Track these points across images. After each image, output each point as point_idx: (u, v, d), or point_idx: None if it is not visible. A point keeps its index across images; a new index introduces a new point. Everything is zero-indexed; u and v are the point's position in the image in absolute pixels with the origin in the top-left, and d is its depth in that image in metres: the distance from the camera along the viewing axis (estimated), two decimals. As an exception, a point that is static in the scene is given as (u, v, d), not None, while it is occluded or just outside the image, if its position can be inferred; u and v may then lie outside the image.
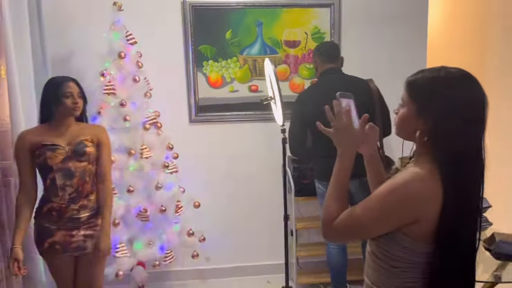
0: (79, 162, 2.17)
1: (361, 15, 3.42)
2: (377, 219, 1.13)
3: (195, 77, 3.34)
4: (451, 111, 1.09)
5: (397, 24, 3.45)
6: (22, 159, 2.12)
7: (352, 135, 1.23)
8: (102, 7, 2.96)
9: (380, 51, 3.45)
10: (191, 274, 3.44)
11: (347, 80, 2.75)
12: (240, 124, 3.42)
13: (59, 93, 2.12)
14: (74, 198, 2.17)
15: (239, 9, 3.31)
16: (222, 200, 3.43)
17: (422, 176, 1.10)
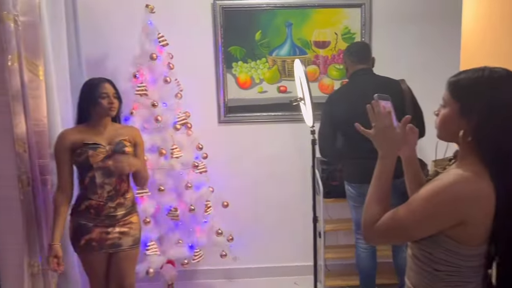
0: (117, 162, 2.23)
1: (393, 15, 3.37)
2: (420, 222, 1.11)
3: (225, 78, 3.36)
4: (497, 109, 1.07)
5: (429, 24, 3.38)
6: (62, 157, 2.18)
7: (393, 137, 1.20)
8: (135, 10, 3.02)
9: (413, 51, 3.39)
10: (218, 273, 3.46)
11: (378, 81, 2.71)
12: (269, 125, 3.43)
13: (96, 94, 2.18)
14: (112, 196, 2.22)
15: (269, 10, 3.32)
16: (250, 201, 3.43)
17: (467, 177, 1.08)
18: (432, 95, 3.18)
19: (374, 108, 1.21)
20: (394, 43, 3.39)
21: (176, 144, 2.80)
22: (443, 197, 1.08)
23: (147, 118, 2.80)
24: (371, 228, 1.17)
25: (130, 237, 2.27)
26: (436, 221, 1.09)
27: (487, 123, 1.07)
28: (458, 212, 1.07)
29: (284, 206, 3.45)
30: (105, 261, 2.26)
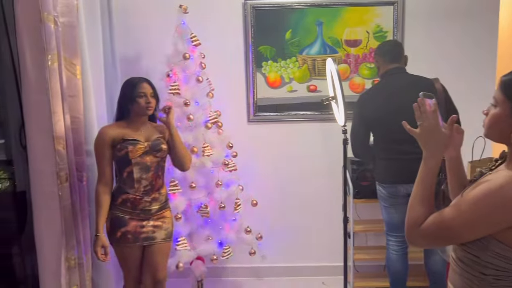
0: (155, 158, 2.29)
1: (426, 13, 3.29)
2: (469, 224, 1.09)
3: (254, 77, 3.36)
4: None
5: (465, 21, 3.29)
6: (103, 152, 2.24)
7: (439, 136, 1.19)
8: (168, 10, 3.05)
9: (447, 50, 3.31)
10: (247, 271, 3.47)
11: (411, 80, 2.66)
12: (298, 124, 3.41)
13: (134, 93, 2.23)
14: (148, 190, 2.27)
15: (300, 9, 3.30)
16: (280, 199, 3.43)
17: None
18: (467, 94, 3.15)
19: (420, 106, 1.19)
20: (428, 41, 3.31)
21: (207, 143, 2.82)
22: (494, 199, 1.05)
23: (179, 117, 2.82)
24: (415, 229, 1.15)
25: (163, 231, 2.32)
26: (485, 223, 1.07)
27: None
28: (510, 215, 1.04)
29: (313, 205, 3.43)
30: (139, 253, 2.31)
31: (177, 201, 2.71)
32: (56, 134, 2.19)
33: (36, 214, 2.20)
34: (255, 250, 3.01)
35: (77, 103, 2.47)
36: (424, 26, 3.31)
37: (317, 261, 3.47)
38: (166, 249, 2.37)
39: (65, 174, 2.25)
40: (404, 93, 2.58)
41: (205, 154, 2.79)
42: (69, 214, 2.29)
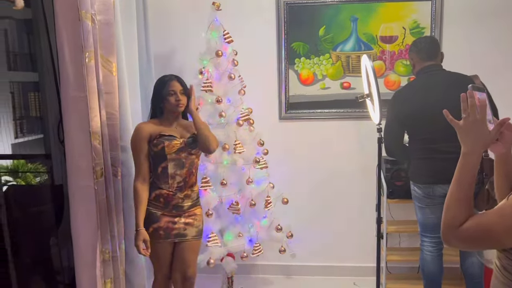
0: (190, 155, 2.32)
1: (466, 9, 3.19)
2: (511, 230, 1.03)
3: (287, 74, 3.36)
4: None
5: (505, 20, 3.17)
6: (140, 147, 2.27)
7: (482, 133, 1.12)
8: (202, 8, 3.06)
9: (487, 46, 3.19)
10: (276, 269, 3.48)
11: (449, 77, 2.58)
12: (331, 121, 3.38)
13: (164, 92, 2.26)
14: (181, 187, 2.30)
15: (334, 5, 3.28)
16: (311, 198, 3.41)
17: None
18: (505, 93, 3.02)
19: (468, 98, 1.12)
20: (468, 38, 3.21)
21: (238, 140, 2.81)
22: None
23: (211, 114, 2.84)
24: (453, 230, 1.10)
25: (194, 228, 2.34)
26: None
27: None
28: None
29: (345, 205, 3.40)
30: (170, 249, 2.33)
31: (208, 197, 2.72)
32: (92, 129, 2.21)
33: (72, 207, 2.25)
34: (285, 248, 3.00)
35: (113, 100, 2.50)
36: (463, 22, 3.21)
37: (349, 261, 3.43)
38: (196, 247, 2.39)
39: (100, 169, 2.28)
40: (441, 91, 2.52)
41: (236, 151, 2.78)
42: (104, 208, 2.32)
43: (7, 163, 3.04)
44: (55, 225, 2.47)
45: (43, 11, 2.25)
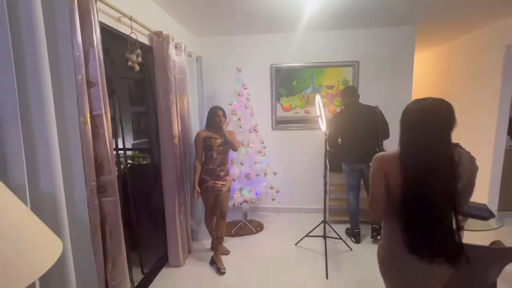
0: (224, 147, 2.33)
1: (371, 71, 3.20)
2: (373, 180, 1.07)
3: (276, 105, 3.36)
4: (402, 118, 1.07)
5: (392, 75, 3.18)
6: (199, 143, 2.29)
7: None
8: (232, 70, 3.11)
9: (383, 89, 3.19)
10: (271, 209, 3.49)
11: (362, 107, 2.61)
12: (299, 131, 3.38)
13: (213, 116, 2.30)
14: (220, 164, 2.31)
15: (301, 69, 3.28)
16: (289, 171, 3.41)
17: (385, 152, 1.08)
18: (394, 116, 3.03)
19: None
20: (372, 87, 3.21)
21: (250, 140, 2.86)
22: (374, 160, 1.07)
23: (235, 126, 2.86)
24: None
25: (226, 187, 2.35)
26: (376, 175, 1.06)
27: (405, 126, 1.06)
28: (381, 167, 1.06)
29: (308, 175, 3.39)
30: (214, 198, 2.35)
31: (234, 170, 2.75)
32: (173, 134, 2.28)
33: (164, 176, 2.30)
34: (275, 198, 3.01)
35: (185, 119, 2.55)
36: (370, 78, 3.21)
37: (309, 205, 3.45)
38: (227, 196, 2.38)
39: (178, 156, 2.34)
40: (358, 114, 2.56)
41: (249, 146, 2.83)
42: (180, 177, 2.37)
43: (130, 153, 3.14)
44: (154, 186, 2.51)
45: (149, 73, 2.31)
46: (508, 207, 3.19)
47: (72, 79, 1.26)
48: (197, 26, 2.94)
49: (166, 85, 2.23)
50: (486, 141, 3.13)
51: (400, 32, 3.09)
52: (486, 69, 3.09)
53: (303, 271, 2.27)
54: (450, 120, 0.99)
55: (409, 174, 0.99)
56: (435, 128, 1.00)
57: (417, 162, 1.00)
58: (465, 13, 2.66)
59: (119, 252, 1.52)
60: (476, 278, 1.32)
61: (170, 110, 2.27)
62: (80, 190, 1.30)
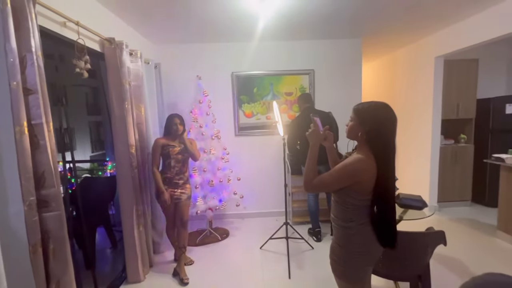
0: (182, 156, 2.28)
1: (325, 79, 3.41)
2: (335, 180, 1.13)
3: (238, 112, 3.41)
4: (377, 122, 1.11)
5: (345, 84, 3.42)
6: (156, 151, 2.23)
7: (318, 135, 1.24)
8: (192, 77, 3.11)
9: (334, 98, 3.42)
10: (236, 215, 3.49)
11: (317, 112, 2.77)
12: (261, 136, 3.44)
13: (170, 124, 2.27)
14: (178, 172, 2.26)
15: (261, 76, 3.37)
16: (252, 176, 3.44)
17: (361, 158, 1.11)
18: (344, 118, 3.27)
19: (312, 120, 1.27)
20: (326, 93, 3.42)
21: (212, 147, 2.85)
22: (348, 168, 1.11)
23: (197, 134, 2.85)
24: (309, 183, 1.17)
25: (186, 194, 2.29)
26: (344, 181, 1.12)
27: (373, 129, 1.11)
28: (355, 176, 1.10)
29: (270, 178, 3.45)
30: (173, 207, 2.29)
31: (196, 178, 2.71)
32: (129, 143, 2.19)
33: (120, 187, 2.20)
34: (239, 203, 3.02)
35: (142, 127, 2.46)
36: (324, 84, 3.42)
37: (274, 208, 3.49)
38: (187, 204, 2.31)
39: (135, 166, 2.24)
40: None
41: (211, 153, 2.82)
42: (137, 187, 2.27)
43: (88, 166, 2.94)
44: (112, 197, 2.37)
45: (102, 81, 2.21)
46: (445, 198, 3.60)
47: (5, 86, 1.17)
48: (154, 33, 2.90)
49: (120, 92, 2.16)
50: (425, 141, 3.53)
51: (349, 44, 3.38)
52: (422, 77, 3.52)
53: (267, 274, 2.30)
54: None
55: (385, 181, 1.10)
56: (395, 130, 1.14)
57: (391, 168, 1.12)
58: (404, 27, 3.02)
59: (64, 271, 1.41)
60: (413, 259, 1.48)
61: (126, 118, 2.18)
62: (16, 205, 1.19)
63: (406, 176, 3.99)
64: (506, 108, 3.47)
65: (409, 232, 1.42)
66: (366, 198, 1.13)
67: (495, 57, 3.94)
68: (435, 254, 2.44)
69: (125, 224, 2.22)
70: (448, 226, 3.10)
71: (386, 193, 1.13)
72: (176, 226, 2.34)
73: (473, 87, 3.50)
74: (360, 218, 1.15)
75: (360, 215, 1.15)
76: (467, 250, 2.54)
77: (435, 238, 1.39)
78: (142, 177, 2.37)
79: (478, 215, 3.34)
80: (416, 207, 1.81)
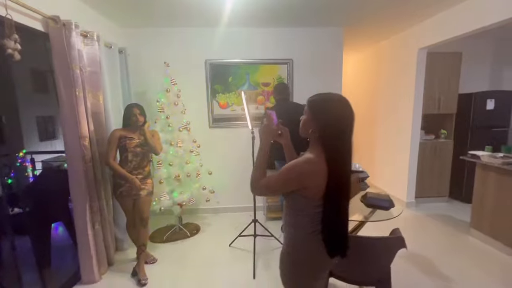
0: (142, 149, 2.15)
1: (303, 68, 3.27)
2: (283, 183, 1.01)
3: (212, 102, 3.26)
4: (331, 119, 0.99)
5: (324, 74, 3.29)
6: (112, 142, 2.09)
7: (271, 130, 1.12)
8: (160, 65, 2.93)
9: (313, 90, 3.24)
10: (210, 210, 3.40)
11: (291, 104, 2.65)
12: (235, 128, 3.31)
13: (129, 115, 2.12)
14: (136, 167, 2.13)
15: (236, 65, 3.21)
16: (227, 169, 3.33)
17: (310, 159, 1.00)
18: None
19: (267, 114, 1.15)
20: (304, 83, 3.29)
21: (179, 139, 2.69)
22: (294, 169, 0.99)
23: (163, 125, 2.68)
24: (257, 183, 1.06)
25: (146, 190, 2.16)
26: (290, 183, 1.00)
27: (326, 125, 0.99)
28: (302, 180, 0.99)
29: (241, 172, 3.32)
30: (132, 203, 2.17)
31: (161, 172, 2.56)
32: (82, 134, 2.03)
33: (71, 183, 2.04)
34: (209, 199, 2.91)
35: (101, 117, 2.31)
36: (302, 76, 3.28)
37: (248, 203, 3.38)
38: (147, 200, 2.18)
39: (89, 159, 2.09)
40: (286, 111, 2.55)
41: (178, 145, 2.66)
42: (92, 182, 2.13)
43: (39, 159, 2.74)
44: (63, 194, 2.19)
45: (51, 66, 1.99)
46: (423, 194, 3.56)
47: None
48: (120, 15, 2.67)
49: (68, 78, 1.96)
50: (405, 136, 3.44)
51: (329, 33, 3.22)
52: (405, 70, 3.39)
53: (233, 273, 2.20)
54: None
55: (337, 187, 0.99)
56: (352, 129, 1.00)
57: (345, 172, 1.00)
58: (387, 17, 2.86)
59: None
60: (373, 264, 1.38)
61: (77, 107, 2.00)
62: None
63: (385, 171, 3.93)
64: (487, 104, 3.39)
65: (368, 237, 1.32)
66: (318, 204, 1.01)
67: (480, 51, 3.85)
68: (405, 253, 2.38)
69: (77, 222, 2.08)
70: (423, 222, 3.05)
71: (338, 200, 1.01)
72: (136, 223, 2.21)
73: (455, 81, 3.40)
74: (310, 226, 1.04)
75: (311, 223, 1.04)
76: (439, 248, 2.49)
77: (395, 243, 1.29)
78: (98, 172, 2.21)
79: (454, 212, 3.31)
80: (383, 207, 1.70)
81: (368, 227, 2.30)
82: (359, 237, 1.31)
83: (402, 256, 2.33)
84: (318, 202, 1.01)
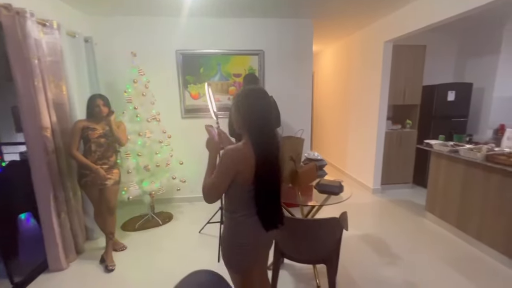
0: (106, 139, 2.15)
1: (274, 59, 3.30)
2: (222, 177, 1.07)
3: (184, 93, 3.26)
4: (248, 108, 1.06)
5: (294, 65, 3.34)
6: (75, 132, 2.08)
7: (214, 143, 1.22)
8: (127, 55, 2.88)
9: (284, 81, 3.33)
10: (183, 199, 3.44)
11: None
12: (208, 119, 3.31)
13: (92, 106, 2.11)
14: (100, 157, 2.14)
15: (207, 56, 3.21)
16: (199, 159, 3.34)
17: (236, 147, 1.06)
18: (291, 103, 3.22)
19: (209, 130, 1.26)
20: (275, 75, 3.33)
21: (148, 130, 2.70)
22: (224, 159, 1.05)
23: (131, 116, 2.68)
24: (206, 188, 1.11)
25: (112, 180, 2.18)
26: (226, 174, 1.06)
27: (246, 113, 1.07)
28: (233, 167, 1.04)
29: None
30: (98, 192, 2.19)
31: (129, 162, 2.58)
32: (42, 125, 2.03)
33: (34, 173, 2.04)
34: (180, 188, 2.98)
35: (64, 107, 2.30)
36: (274, 65, 3.32)
37: None
38: (114, 190, 2.20)
39: (52, 150, 2.10)
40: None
41: (146, 136, 2.68)
42: (56, 173, 2.14)
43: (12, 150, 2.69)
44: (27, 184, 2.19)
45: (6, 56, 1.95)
46: (389, 181, 3.76)
47: None
48: (82, 1, 2.60)
49: (25, 68, 1.94)
50: (372, 126, 3.59)
51: (299, 24, 3.26)
52: (373, 62, 3.50)
53: (198, 257, 2.30)
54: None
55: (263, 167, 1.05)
56: (271, 113, 1.09)
57: (268, 152, 1.07)
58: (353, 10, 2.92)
59: None
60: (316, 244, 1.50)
61: (36, 98, 1.99)
62: None
63: (354, 159, 4.10)
64: (448, 95, 3.58)
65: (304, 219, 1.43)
66: (250, 188, 1.09)
67: (444, 44, 4.00)
68: (364, 235, 2.55)
69: (41, 211, 2.10)
70: (386, 207, 3.24)
71: (268, 180, 1.10)
72: (103, 212, 2.25)
73: (419, 73, 3.55)
74: (243, 209, 1.12)
75: (244, 206, 1.12)
76: (395, 230, 2.68)
77: (332, 224, 1.40)
78: (62, 162, 2.22)
79: (416, 197, 3.53)
80: (332, 193, 1.82)
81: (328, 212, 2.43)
82: (297, 219, 1.42)
83: (360, 237, 2.51)
84: (251, 187, 1.09)
